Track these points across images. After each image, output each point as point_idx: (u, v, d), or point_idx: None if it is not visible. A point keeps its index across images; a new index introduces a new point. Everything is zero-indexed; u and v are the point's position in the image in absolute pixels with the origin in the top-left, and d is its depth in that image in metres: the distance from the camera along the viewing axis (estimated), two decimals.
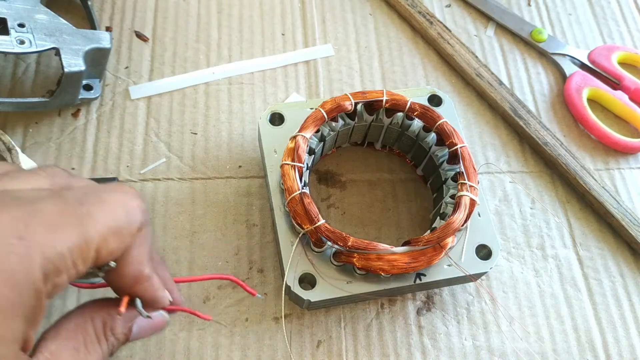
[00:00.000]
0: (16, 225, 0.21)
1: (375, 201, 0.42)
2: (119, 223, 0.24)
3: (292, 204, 0.34)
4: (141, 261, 0.27)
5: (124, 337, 0.29)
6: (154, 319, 0.30)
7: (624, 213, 0.43)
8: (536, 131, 0.46)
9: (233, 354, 0.37)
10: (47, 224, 0.22)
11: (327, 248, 0.35)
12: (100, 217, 0.24)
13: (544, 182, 0.45)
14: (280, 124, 0.39)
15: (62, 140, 0.43)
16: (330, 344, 0.37)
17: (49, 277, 0.22)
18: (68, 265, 0.22)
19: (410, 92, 0.41)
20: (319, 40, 0.50)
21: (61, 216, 0.23)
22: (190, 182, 0.42)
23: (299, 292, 0.34)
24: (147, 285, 0.27)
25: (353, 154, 0.44)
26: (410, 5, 0.51)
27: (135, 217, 0.25)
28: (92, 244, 0.23)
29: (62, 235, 0.22)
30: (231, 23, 0.50)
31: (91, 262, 0.24)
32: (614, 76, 0.50)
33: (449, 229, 0.34)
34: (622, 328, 0.40)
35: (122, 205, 0.25)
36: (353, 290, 0.34)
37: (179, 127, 0.44)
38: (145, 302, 0.29)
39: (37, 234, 0.22)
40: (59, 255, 0.22)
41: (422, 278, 0.35)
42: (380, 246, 0.33)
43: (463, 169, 0.37)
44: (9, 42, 0.37)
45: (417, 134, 0.40)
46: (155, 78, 0.46)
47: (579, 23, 0.54)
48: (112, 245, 0.24)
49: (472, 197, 0.36)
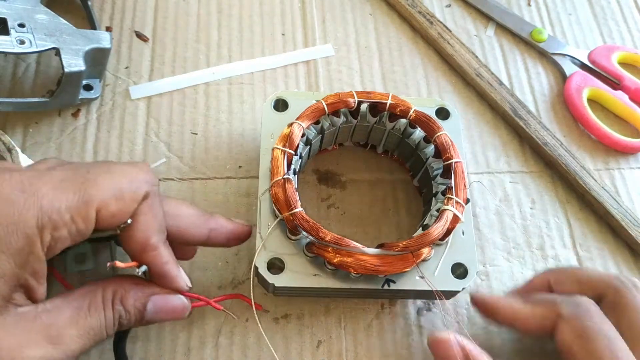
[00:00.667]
0: (23, 182, 0.25)
1: (375, 201, 0.42)
2: (122, 189, 0.27)
3: (275, 188, 0.35)
4: (148, 229, 0.29)
5: (136, 311, 0.30)
6: (170, 301, 0.31)
7: (624, 213, 0.43)
8: (536, 131, 0.46)
9: (233, 354, 0.37)
10: (52, 185, 0.26)
11: (302, 237, 0.35)
12: (102, 182, 0.27)
13: (544, 182, 0.45)
14: (284, 110, 0.39)
15: (62, 140, 0.43)
16: (330, 344, 0.37)
17: (44, 228, 0.25)
18: (66, 220, 0.25)
19: (418, 101, 0.41)
20: (319, 40, 0.50)
21: (66, 180, 0.26)
22: (190, 182, 0.42)
23: (265, 275, 0.34)
24: (154, 255, 0.29)
25: (353, 154, 0.44)
26: (410, 5, 0.51)
27: (139, 185, 0.28)
28: (92, 205, 0.26)
29: (63, 194, 0.26)
30: (231, 23, 0.50)
31: (93, 222, 0.27)
32: (614, 76, 0.50)
33: (425, 239, 0.34)
34: None
35: (127, 174, 0.28)
36: (319, 284, 0.34)
37: (179, 127, 0.44)
38: (157, 277, 0.30)
39: (39, 190, 0.25)
40: (57, 210, 0.25)
41: (391, 284, 0.35)
42: (352, 243, 0.33)
43: (453, 184, 0.36)
44: (9, 42, 0.37)
45: (417, 143, 0.40)
46: (155, 78, 0.46)
47: (579, 23, 0.54)
48: (113, 207, 0.27)
49: (455, 213, 0.35)
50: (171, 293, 0.31)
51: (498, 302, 0.35)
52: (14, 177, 0.25)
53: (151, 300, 0.30)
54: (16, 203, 0.25)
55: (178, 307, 0.31)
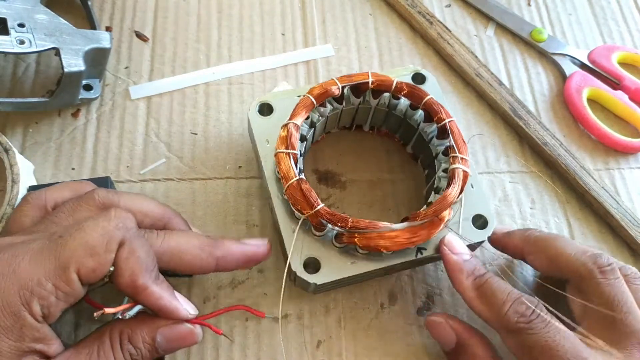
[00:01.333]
0: (1, 264, 0.27)
1: (375, 201, 0.42)
2: (94, 245, 0.28)
3: (291, 191, 0.35)
4: (132, 272, 0.29)
5: (147, 346, 0.30)
6: (177, 330, 0.31)
7: (624, 213, 0.43)
8: (536, 131, 0.46)
9: (233, 354, 0.37)
10: (29, 258, 0.27)
11: (327, 231, 0.35)
12: (73, 243, 0.28)
13: (544, 182, 0.45)
14: (270, 114, 0.39)
15: (62, 140, 0.43)
16: (330, 344, 0.37)
17: (30, 301, 0.27)
18: (49, 288, 0.27)
19: (394, 72, 0.42)
20: (319, 40, 0.50)
21: (42, 249, 0.28)
22: (190, 183, 0.42)
23: (304, 276, 0.34)
24: (146, 294, 0.30)
25: (354, 154, 0.44)
26: (410, 6, 0.51)
27: (111, 235, 0.29)
28: (69, 268, 0.27)
29: (40, 265, 0.27)
30: (231, 23, 0.50)
31: (77, 282, 0.28)
32: (614, 76, 0.50)
33: (445, 202, 0.35)
34: None
35: (97, 228, 0.29)
36: (357, 270, 0.35)
37: (179, 127, 0.44)
38: (157, 312, 0.31)
39: (17, 268, 0.27)
40: (36, 282, 0.27)
41: (423, 252, 0.36)
42: (380, 224, 0.34)
43: (453, 142, 0.37)
44: (9, 42, 0.37)
45: (404, 112, 0.41)
46: (155, 78, 0.46)
47: (579, 23, 0.54)
48: (90, 264, 0.28)
49: (464, 169, 0.36)
50: (177, 322, 0.31)
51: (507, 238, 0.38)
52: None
53: (159, 333, 0.31)
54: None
55: (186, 334, 0.32)
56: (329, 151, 0.44)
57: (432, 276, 0.40)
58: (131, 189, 0.41)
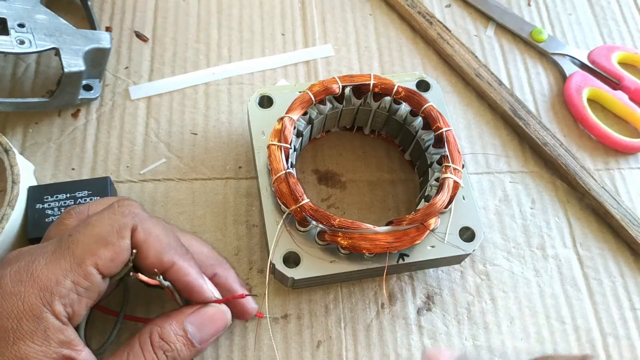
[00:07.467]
0: (20, 272, 0.28)
1: (375, 201, 0.42)
2: (104, 234, 0.29)
3: (278, 184, 0.35)
4: (155, 250, 0.30)
5: (180, 338, 0.30)
6: (205, 314, 0.31)
7: (624, 213, 0.43)
8: (536, 131, 0.46)
9: (233, 354, 0.37)
10: (45, 262, 0.28)
11: (311, 228, 0.36)
12: (84, 239, 0.28)
13: (544, 182, 0.45)
14: (269, 106, 0.40)
15: (62, 140, 0.43)
16: (330, 344, 0.37)
17: (52, 302, 0.27)
18: (69, 286, 0.27)
19: (398, 77, 0.42)
20: (319, 40, 0.50)
21: (56, 251, 0.28)
22: (190, 183, 0.42)
23: (283, 270, 0.34)
24: (174, 270, 0.30)
25: (354, 154, 0.44)
26: (410, 6, 0.51)
27: (120, 223, 0.29)
28: (85, 262, 0.28)
29: (56, 265, 0.28)
30: (231, 23, 0.50)
31: (97, 275, 0.28)
32: (614, 76, 0.50)
33: (432, 209, 0.35)
34: (623, 328, 0.40)
35: (105, 220, 0.29)
36: (337, 269, 0.35)
37: (179, 127, 0.44)
38: (183, 291, 0.31)
39: (34, 273, 0.27)
40: (55, 282, 0.27)
41: (405, 258, 0.36)
42: (363, 225, 0.34)
43: (448, 152, 0.37)
44: (9, 42, 0.37)
45: (404, 118, 0.41)
46: (155, 78, 0.46)
47: (579, 23, 0.54)
48: (106, 254, 0.28)
49: (455, 180, 0.36)
50: (203, 306, 0.31)
51: None
52: (13, 269, 0.28)
53: (187, 322, 0.31)
54: (19, 294, 0.27)
55: (214, 314, 0.32)
56: (329, 151, 0.44)
57: (432, 276, 0.40)
58: (131, 188, 0.41)
